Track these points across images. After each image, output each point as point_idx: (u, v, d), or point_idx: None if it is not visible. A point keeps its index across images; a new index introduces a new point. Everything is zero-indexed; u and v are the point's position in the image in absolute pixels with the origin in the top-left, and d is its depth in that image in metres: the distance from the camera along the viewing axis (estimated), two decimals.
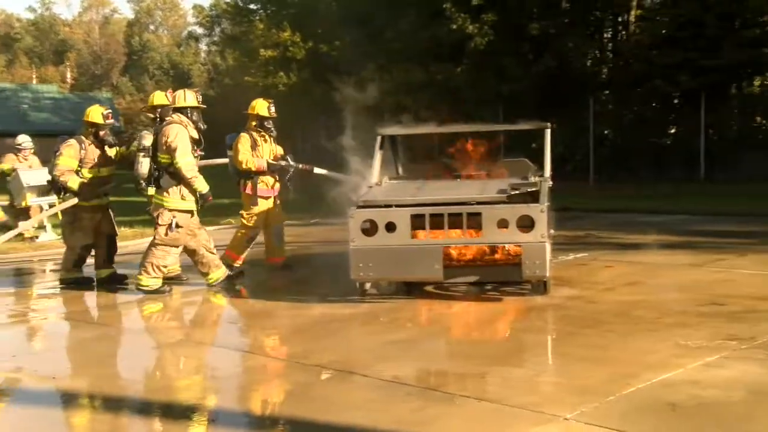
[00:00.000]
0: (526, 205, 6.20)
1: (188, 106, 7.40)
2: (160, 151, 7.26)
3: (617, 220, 12.26)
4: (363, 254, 6.30)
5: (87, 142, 7.92)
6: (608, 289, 6.90)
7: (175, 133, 7.19)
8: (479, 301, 6.56)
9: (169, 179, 7.24)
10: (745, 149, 19.27)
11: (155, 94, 8.28)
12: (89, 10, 75.79)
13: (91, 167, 7.89)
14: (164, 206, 7.25)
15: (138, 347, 5.80)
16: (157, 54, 67.76)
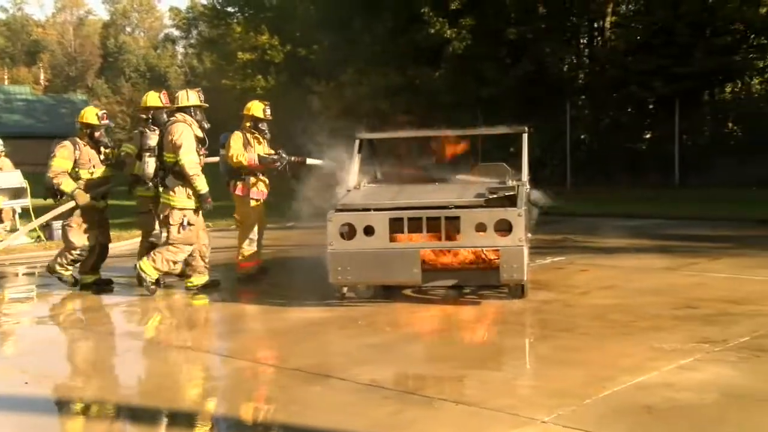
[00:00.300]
0: (504, 209, 6.24)
1: (191, 105, 7.43)
2: (166, 150, 7.27)
3: (593, 224, 12.37)
4: (341, 258, 6.30)
5: (81, 144, 7.81)
6: (584, 292, 6.96)
7: (180, 132, 7.21)
8: (457, 304, 6.59)
9: (174, 178, 7.25)
10: (718, 155, 19.56)
11: (148, 95, 8.21)
12: (63, 11, 74.93)
13: (87, 169, 7.79)
14: (171, 205, 7.25)
15: (112, 351, 5.74)
16: (134, 56, 67.22)
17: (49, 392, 4.71)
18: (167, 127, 7.34)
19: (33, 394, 4.64)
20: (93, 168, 7.84)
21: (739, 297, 6.48)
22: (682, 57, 19.55)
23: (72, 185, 7.67)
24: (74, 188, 7.66)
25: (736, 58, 20.44)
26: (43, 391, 4.73)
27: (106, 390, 4.75)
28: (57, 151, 7.74)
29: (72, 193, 7.66)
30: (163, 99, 8.05)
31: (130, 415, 4.25)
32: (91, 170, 7.83)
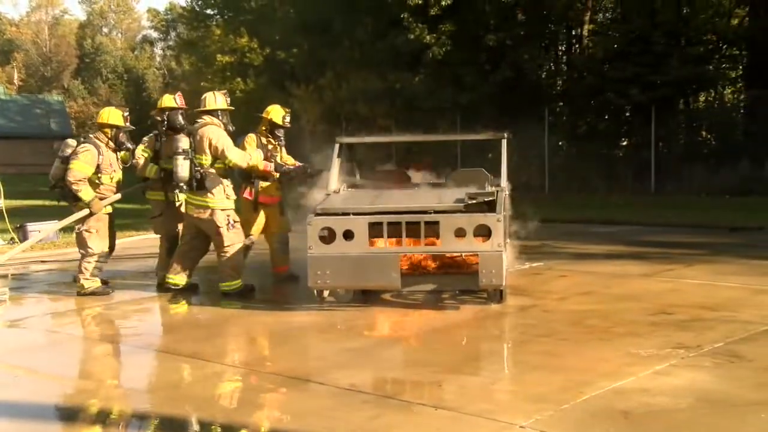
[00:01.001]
0: (483, 215, 6.26)
1: (218, 108, 7.41)
2: (199, 153, 7.22)
3: (571, 230, 12.47)
4: (320, 262, 6.29)
5: (104, 148, 7.58)
6: (562, 298, 7.01)
7: (217, 134, 7.23)
8: (436, 309, 6.61)
9: (213, 179, 7.21)
10: (692, 162, 19.83)
11: (164, 98, 8.10)
12: (38, 9, 73.93)
13: (108, 174, 7.62)
14: (210, 207, 7.22)
15: (84, 354, 5.68)
16: (111, 57, 66.57)
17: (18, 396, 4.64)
18: (198, 129, 7.29)
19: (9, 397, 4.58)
20: (114, 172, 7.68)
21: (714, 303, 6.57)
22: (658, 65, 19.84)
23: (91, 194, 7.47)
24: (92, 197, 7.48)
25: (709, 68, 20.80)
26: (13, 393, 4.66)
27: (77, 395, 4.70)
28: (80, 155, 7.46)
29: (89, 203, 7.48)
30: (179, 101, 7.92)
31: (99, 420, 4.20)
32: (112, 175, 7.67)
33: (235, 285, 7.38)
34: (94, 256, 7.61)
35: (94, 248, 7.61)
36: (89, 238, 7.61)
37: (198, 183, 7.22)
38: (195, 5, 32.86)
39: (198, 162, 7.23)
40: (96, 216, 7.59)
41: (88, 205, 7.50)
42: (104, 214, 7.68)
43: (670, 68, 19.74)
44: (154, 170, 7.85)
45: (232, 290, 7.37)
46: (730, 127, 21.60)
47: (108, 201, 7.64)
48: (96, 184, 7.59)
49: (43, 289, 8.42)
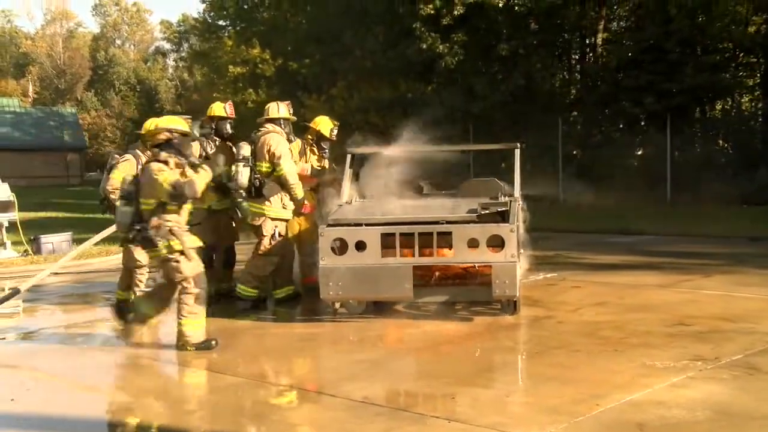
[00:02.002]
0: (496, 225, 6.26)
1: (281, 117, 7.52)
2: (259, 160, 7.29)
3: (585, 241, 12.42)
4: (332, 273, 6.30)
5: (144, 158, 7.46)
6: (576, 309, 6.99)
7: (277, 142, 7.31)
8: (449, 320, 6.60)
9: (272, 188, 7.27)
10: (709, 172, 19.69)
11: (214, 106, 8.12)
12: (53, 23, 74.78)
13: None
14: (266, 215, 7.27)
15: (97, 365, 5.70)
16: (124, 69, 67.15)
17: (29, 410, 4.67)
18: (260, 137, 7.37)
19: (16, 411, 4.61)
20: None
21: (732, 314, 6.51)
22: (673, 74, 19.76)
23: None
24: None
25: (725, 76, 20.68)
26: (22, 407, 4.69)
27: (86, 406, 4.72)
28: (119, 165, 7.43)
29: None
30: (228, 110, 7.96)
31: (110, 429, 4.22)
32: None
33: (251, 293, 7.38)
34: (143, 267, 7.51)
35: (141, 260, 7.45)
36: (135, 251, 7.43)
37: (256, 190, 7.27)
38: (207, 17, 33.14)
39: (257, 169, 7.29)
40: None
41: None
42: None
43: (685, 76, 19.67)
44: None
45: (246, 296, 7.37)
46: (747, 136, 21.44)
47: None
48: None
49: (56, 301, 8.48)
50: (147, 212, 5.84)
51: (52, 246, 11.88)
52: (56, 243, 12.00)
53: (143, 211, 5.85)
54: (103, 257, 11.48)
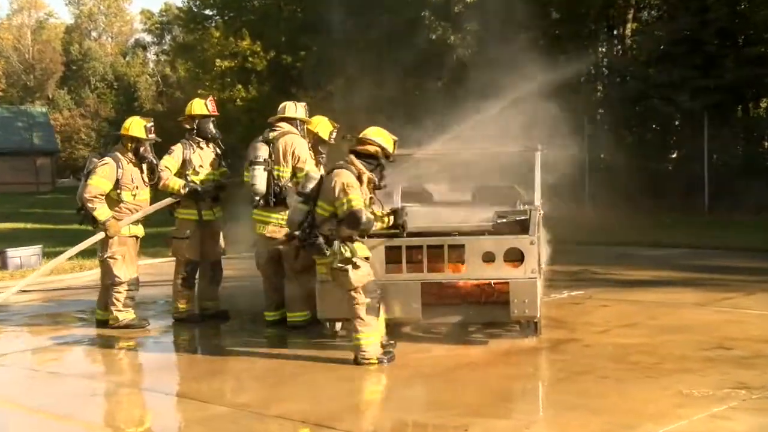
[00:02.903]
0: (515, 237, 6.26)
1: (297, 117, 7.48)
2: (278, 164, 7.22)
3: (614, 254, 12.40)
4: (331, 290, 6.31)
5: (124, 161, 7.65)
6: (604, 330, 6.97)
7: (300, 144, 7.27)
8: (462, 344, 6.59)
9: (292, 195, 7.04)
10: (750, 177, 19.65)
11: (194, 103, 8.10)
12: (20, 12, 75.14)
13: (130, 190, 7.61)
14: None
15: (77, 393, 5.71)
16: (100, 64, 67.49)
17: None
18: (278, 138, 7.29)
19: None
20: (136, 189, 7.67)
21: None
22: (711, 68, 19.73)
23: (107, 213, 7.47)
24: (108, 217, 7.46)
25: None
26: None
27: None
28: (97, 169, 7.50)
29: (104, 223, 7.47)
30: (210, 106, 7.97)
31: None
32: (135, 192, 7.66)
33: (303, 316, 7.28)
34: (122, 284, 7.59)
35: (121, 276, 7.58)
36: (114, 266, 7.58)
37: (276, 198, 7.20)
38: (192, 5, 33.28)
39: (276, 174, 7.21)
40: (120, 240, 7.57)
41: (104, 225, 7.49)
42: (128, 237, 7.66)
43: (725, 71, 19.65)
44: (178, 185, 7.74)
45: (299, 322, 7.29)
46: None
47: (127, 221, 7.61)
48: (116, 201, 7.58)
49: (24, 322, 8.51)
50: (321, 218, 5.97)
51: (19, 261, 11.91)
52: (24, 257, 12.03)
53: (317, 215, 5.97)
54: (77, 273, 11.51)
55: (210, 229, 7.93)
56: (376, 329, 5.99)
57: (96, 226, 7.57)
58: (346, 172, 5.98)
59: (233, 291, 9.08)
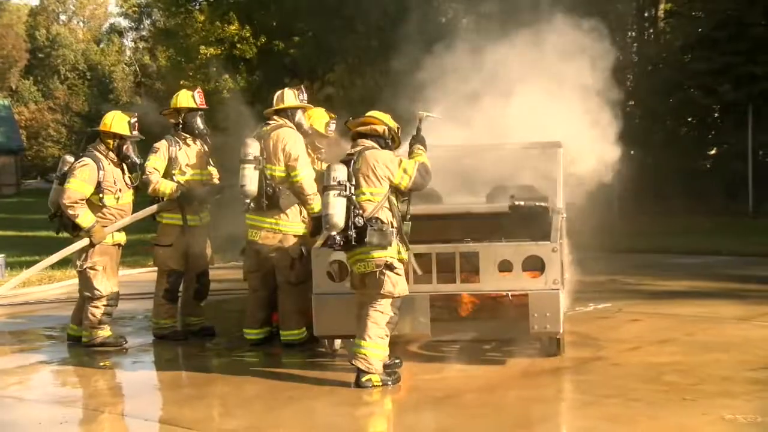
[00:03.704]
0: (535, 244, 6.27)
1: (290, 106, 7.43)
2: (271, 162, 7.20)
3: (646, 262, 12.40)
4: (329, 304, 6.33)
5: (105, 161, 7.61)
6: (635, 348, 6.98)
7: (294, 139, 7.23)
8: (476, 363, 6.59)
9: (288, 197, 7.18)
10: None
11: (180, 95, 8.08)
12: None
13: (113, 194, 7.59)
14: (282, 231, 7.21)
15: (45, 421, 5.72)
16: (70, 51, 67.65)
17: None
18: (269, 132, 7.28)
19: None
20: (119, 192, 7.66)
21: None
22: (757, 53, 19.63)
23: (90, 219, 7.43)
24: (92, 223, 7.44)
25: None
26: None
27: None
28: (76, 171, 7.46)
29: (88, 230, 7.43)
30: (198, 99, 7.96)
31: None
32: (118, 195, 7.64)
33: (299, 334, 7.31)
34: (101, 299, 7.56)
35: (101, 290, 7.55)
36: (95, 277, 7.56)
37: (269, 200, 7.20)
38: None
39: (269, 173, 7.20)
40: (101, 249, 7.55)
41: (88, 233, 7.46)
42: (111, 245, 7.66)
43: None
44: (169, 188, 7.71)
45: (295, 340, 7.31)
46: None
47: (112, 228, 7.61)
48: (98, 207, 7.56)
49: None
50: (365, 203, 5.98)
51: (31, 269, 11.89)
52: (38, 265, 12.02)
53: (363, 204, 5.97)
54: (45, 285, 11.53)
55: (196, 236, 7.94)
56: (385, 346, 6.00)
57: (77, 234, 7.55)
58: (376, 152, 6.04)
59: (221, 305, 9.12)
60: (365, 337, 5.93)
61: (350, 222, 5.85)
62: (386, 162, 6.01)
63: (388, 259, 5.89)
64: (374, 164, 6.00)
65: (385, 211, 5.97)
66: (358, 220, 5.86)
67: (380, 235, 5.84)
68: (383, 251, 5.88)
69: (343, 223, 5.84)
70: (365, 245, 5.87)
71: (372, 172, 5.98)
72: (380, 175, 5.98)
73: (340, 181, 5.91)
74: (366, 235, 5.83)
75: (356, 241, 5.85)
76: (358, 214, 5.88)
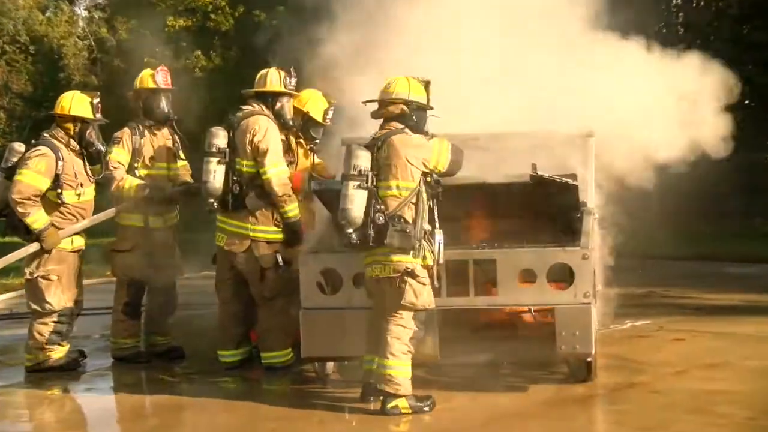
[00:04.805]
0: (562, 249, 6.27)
1: (270, 91, 7.42)
2: (241, 155, 7.22)
3: (692, 271, 12.42)
4: (319, 320, 6.34)
5: (65, 150, 7.59)
6: (679, 372, 7.00)
7: (264, 130, 7.20)
8: (493, 391, 6.58)
9: (258, 196, 7.19)
10: None
11: (143, 74, 8.04)
12: None
13: (73, 189, 7.56)
14: (250, 236, 7.20)
15: None
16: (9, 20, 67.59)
17: None
18: (240, 120, 7.27)
19: None
20: (81, 187, 7.64)
21: None
22: None
23: (44, 219, 7.40)
24: (46, 225, 7.40)
25: None
26: None
27: None
28: (30, 162, 7.42)
29: (41, 233, 7.39)
30: (161, 79, 7.93)
31: None
32: (79, 190, 7.63)
33: (283, 356, 7.34)
34: (51, 315, 7.53)
35: (53, 303, 7.51)
36: (47, 288, 7.52)
37: (235, 199, 7.22)
38: None
39: (237, 168, 7.21)
40: (59, 255, 7.53)
41: (40, 236, 7.42)
42: (70, 252, 7.65)
43: None
44: (135, 186, 7.69)
45: (278, 363, 7.34)
46: None
47: (68, 231, 7.58)
48: (54, 205, 7.53)
49: None
50: (389, 198, 5.99)
51: None
52: None
53: (386, 199, 5.98)
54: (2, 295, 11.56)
55: (160, 241, 7.93)
56: (409, 363, 6.01)
57: (28, 237, 7.51)
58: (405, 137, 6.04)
59: (192, 321, 9.13)
60: (388, 355, 5.93)
61: (370, 218, 5.85)
62: (418, 146, 6.03)
63: (408, 265, 5.90)
64: (405, 152, 6.00)
65: (410, 209, 5.97)
66: (378, 217, 5.86)
67: (402, 236, 5.85)
68: (404, 255, 5.90)
69: (361, 220, 5.84)
70: (384, 246, 5.88)
71: (402, 161, 5.97)
72: (413, 163, 5.97)
73: (361, 170, 5.90)
74: (386, 235, 5.84)
75: (374, 241, 5.86)
76: (380, 210, 5.88)
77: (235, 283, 7.45)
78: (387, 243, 5.84)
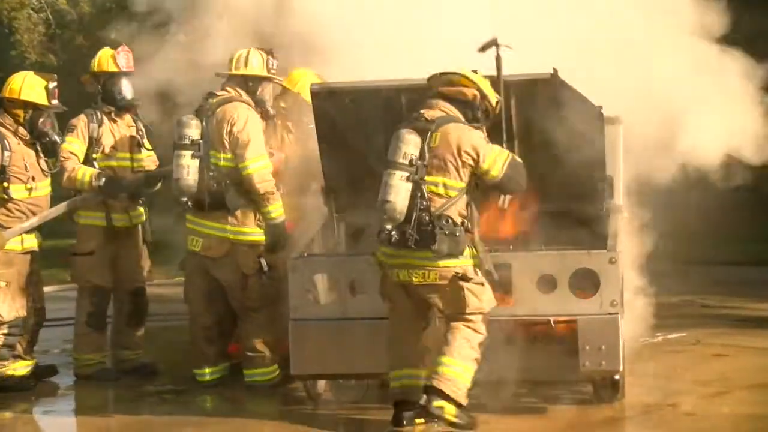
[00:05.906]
0: (586, 252, 6.28)
1: (250, 74, 7.41)
2: (216, 148, 7.22)
3: (734, 278, 12.41)
4: (311, 333, 6.35)
5: (13, 140, 7.58)
6: (719, 392, 7.00)
7: (245, 119, 7.20)
8: (509, 413, 6.59)
9: (237, 193, 7.18)
10: None
11: (100, 55, 8.03)
12: None
13: (23, 182, 7.55)
14: (230, 239, 7.21)
15: None
16: None
17: None
18: (215, 107, 7.27)
19: None
20: (32, 181, 7.62)
21: None
22: None
23: None
24: None
25: None
26: None
27: None
28: None
29: None
30: (123, 61, 7.92)
31: None
32: (30, 185, 7.61)
33: (269, 373, 7.36)
34: (1, 326, 7.54)
35: (2, 313, 7.52)
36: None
37: (212, 198, 7.22)
38: None
39: (213, 163, 7.22)
40: (5, 258, 7.54)
41: None
42: (19, 253, 7.65)
43: None
44: (89, 175, 7.68)
45: (264, 381, 7.36)
46: None
47: (16, 230, 7.58)
48: (1, 201, 7.55)
49: None
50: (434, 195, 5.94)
51: None
52: None
53: (431, 196, 5.93)
54: None
55: (125, 241, 7.94)
56: (473, 372, 5.98)
57: None
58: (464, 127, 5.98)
59: (164, 334, 9.14)
60: (454, 354, 5.91)
61: (414, 216, 5.81)
62: (474, 143, 5.93)
63: (458, 270, 5.89)
64: (458, 144, 5.93)
65: (458, 207, 5.94)
66: (424, 216, 5.82)
67: (452, 241, 5.80)
68: (453, 260, 5.89)
69: (403, 216, 5.81)
70: (429, 250, 5.82)
71: (453, 155, 5.92)
72: (466, 161, 5.91)
73: (411, 159, 5.84)
74: (430, 237, 5.78)
75: (417, 243, 5.81)
76: (425, 208, 5.83)
77: (209, 292, 7.46)
78: (435, 249, 5.77)
